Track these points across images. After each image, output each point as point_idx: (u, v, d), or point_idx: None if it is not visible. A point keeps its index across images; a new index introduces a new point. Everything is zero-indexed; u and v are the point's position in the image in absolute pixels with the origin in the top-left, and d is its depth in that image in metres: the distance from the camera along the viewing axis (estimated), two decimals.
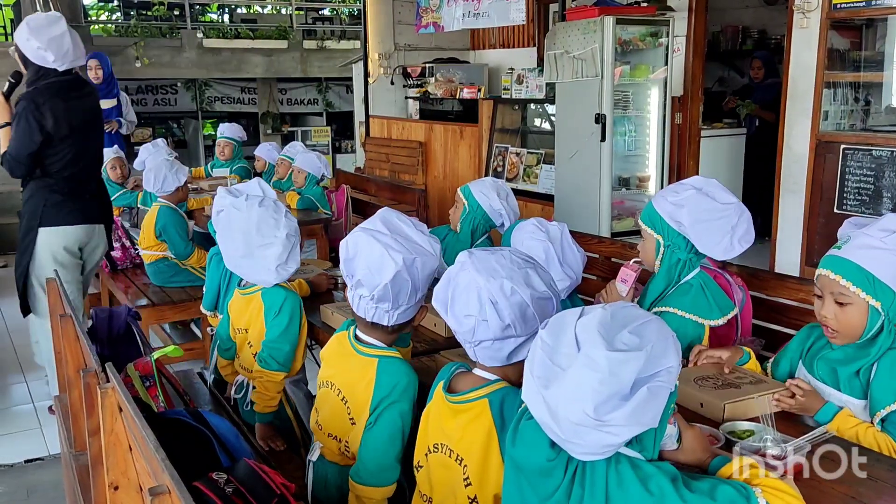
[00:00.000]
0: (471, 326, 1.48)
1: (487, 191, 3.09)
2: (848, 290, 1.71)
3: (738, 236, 2.15)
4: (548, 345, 1.20)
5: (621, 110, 5.41)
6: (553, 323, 1.24)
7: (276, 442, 2.25)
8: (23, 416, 3.71)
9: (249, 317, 2.35)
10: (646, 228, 2.25)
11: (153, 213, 3.97)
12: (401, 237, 1.77)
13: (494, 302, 1.45)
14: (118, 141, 6.40)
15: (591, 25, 5.11)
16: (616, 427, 1.13)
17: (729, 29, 7.72)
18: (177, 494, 1.06)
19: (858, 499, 1.44)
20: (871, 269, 1.68)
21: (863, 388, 1.77)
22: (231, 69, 11.31)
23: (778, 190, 4.91)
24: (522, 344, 1.48)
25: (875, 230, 1.71)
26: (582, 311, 1.22)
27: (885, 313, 1.71)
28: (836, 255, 1.74)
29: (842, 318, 1.74)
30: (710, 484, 1.22)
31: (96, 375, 1.60)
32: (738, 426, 1.68)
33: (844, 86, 4.63)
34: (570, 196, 5.55)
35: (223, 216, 2.31)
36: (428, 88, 7.61)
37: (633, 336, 1.16)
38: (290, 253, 2.28)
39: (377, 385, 1.76)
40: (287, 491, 1.46)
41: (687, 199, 2.15)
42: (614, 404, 1.13)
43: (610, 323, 1.17)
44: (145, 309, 3.69)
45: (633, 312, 1.22)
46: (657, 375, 1.15)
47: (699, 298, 2.19)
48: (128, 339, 2.35)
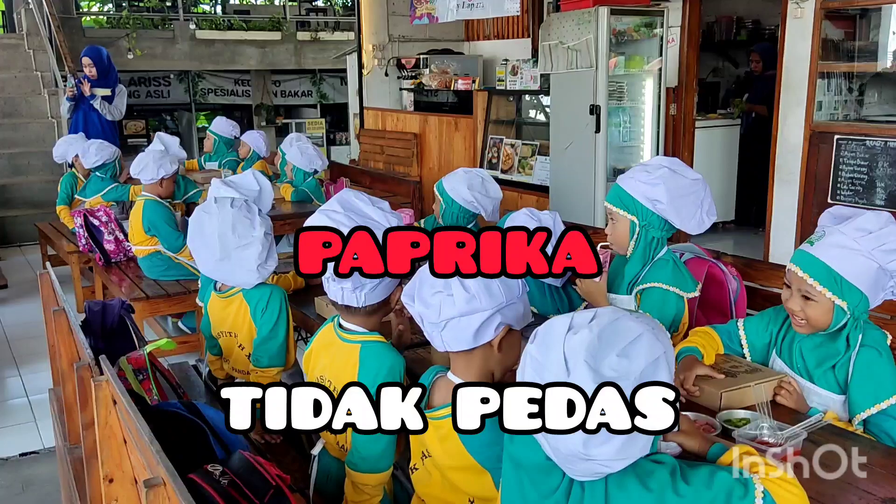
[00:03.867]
0: (438, 304, 1.47)
1: (458, 184, 3.10)
2: (814, 290, 1.71)
3: (705, 210, 2.21)
4: (536, 361, 1.16)
5: (616, 101, 5.40)
6: (542, 335, 1.19)
7: (271, 434, 2.24)
8: (17, 410, 3.71)
9: (234, 320, 2.32)
10: (617, 211, 2.26)
11: (138, 207, 3.93)
12: (354, 213, 1.77)
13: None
14: (110, 132, 6.36)
15: (585, 16, 5.10)
16: (607, 461, 1.12)
17: (723, 19, 7.71)
18: (172, 486, 1.06)
19: (854, 484, 1.45)
20: (840, 270, 1.68)
21: (839, 383, 1.77)
22: (224, 61, 11.26)
23: (772, 180, 4.92)
24: (489, 319, 1.47)
25: (851, 229, 1.70)
26: (570, 324, 1.17)
27: (851, 312, 1.71)
28: (807, 251, 1.74)
29: (808, 312, 1.76)
30: (709, 471, 1.20)
31: (90, 368, 1.60)
32: (734, 414, 1.68)
33: (838, 76, 4.63)
34: (564, 187, 5.55)
35: (193, 221, 2.28)
36: (422, 80, 7.59)
37: (621, 360, 1.11)
38: (269, 252, 2.25)
39: (361, 370, 1.76)
40: (282, 482, 1.46)
41: (661, 177, 2.17)
42: (603, 439, 1.10)
43: (597, 346, 1.12)
44: (139, 302, 3.67)
45: (623, 327, 1.15)
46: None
47: (676, 272, 2.24)
48: (121, 332, 2.34)
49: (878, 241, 1.67)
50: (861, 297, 1.70)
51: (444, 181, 3.18)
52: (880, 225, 1.69)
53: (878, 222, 1.69)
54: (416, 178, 6.91)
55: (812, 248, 1.73)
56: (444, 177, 3.22)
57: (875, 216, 1.71)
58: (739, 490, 1.17)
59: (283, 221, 4.28)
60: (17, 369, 4.19)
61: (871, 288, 1.69)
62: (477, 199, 3.08)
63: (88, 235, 4.28)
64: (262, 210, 2.38)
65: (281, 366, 2.29)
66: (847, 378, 1.76)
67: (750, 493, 1.16)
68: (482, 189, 3.11)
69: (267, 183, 2.50)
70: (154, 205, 3.91)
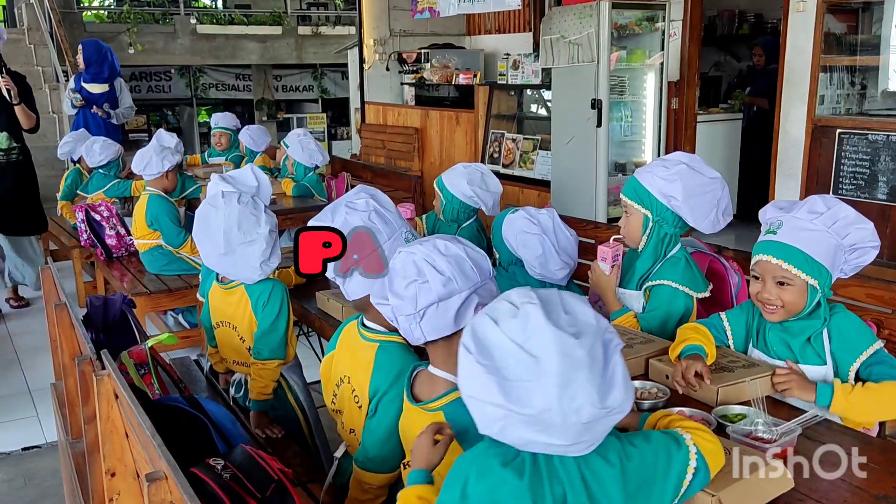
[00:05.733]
0: (413, 294, 1.47)
1: (457, 180, 3.10)
2: (790, 273, 1.79)
3: (722, 209, 2.20)
4: (487, 366, 1.10)
5: (617, 95, 5.39)
6: (472, 339, 1.13)
7: (271, 429, 2.25)
8: (20, 404, 3.72)
9: (235, 312, 2.32)
10: (632, 204, 2.25)
11: (143, 201, 3.95)
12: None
13: (431, 261, 1.47)
14: (112, 129, 6.34)
15: (587, 10, 5.09)
16: (618, 404, 1.12)
17: (725, 13, 7.69)
18: (174, 480, 1.06)
19: (848, 480, 1.45)
20: (808, 250, 1.78)
21: (818, 354, 1.84)
22: (225, 56, 11.25)
23: (774, 174, 4.91)
24: (467, 301, 1.47)
25: (804, 213, 1.80)
26: (489, 317, 1.13)
27: (821, 290, 1.81)
28: (773, 240, 1.82)
29: (785, 298, 1.82)
30: (642, 433, 1.28)
31: (91, 363, 1.60)
32: (730, 410, 1.69)
33: (841, 70, 4.62)
34: (566, 182, 5.55)
35: (199, 214, 2.28)
36: (424, 74, 7.58)
37: (569, 315, 1.12)
38: (273, 249, 2.25)
39: (375, 370, 1.76)
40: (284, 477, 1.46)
41: (678, 173, 2.16)
42: (607, 385, 1.10)
43: (547, 312, 1.11)
44: (141, 297, 3.68)
45: (545, 292, 1.15)
46: (610, 339, 1.14)
47: (687, 271, 2.22)
48: (123, 326, 2.34)
49: (832, 219, 1.78)
50: (827, 274, 1.80)
51: (443, 177, 3.18)
52: (829, 206, 1.80)
53: (825, 203, 1.81)
54: (418, 173, 6.90)
55: (776, 237, 1.81)
56: (444, 172, 3.22)
57: (821, 199, 1.82)
58: (673, 443, 1.26)
59: (285, 216, 4.28)
60: (18, 363, 4.21)
61: (832, 263, 1.80)
62: (477, 193, 3.08)
63: (90, 230, 4.28)
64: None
65: (281, 359, 2.29)
66: (826, 348, 1.83)
67: (682, 444, 1.26)
68: (482, 184, 3.11)
69: (265, 178, 2.50)
70: (159, 199, 3.93)
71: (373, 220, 1.82)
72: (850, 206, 1.85)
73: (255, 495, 1.38)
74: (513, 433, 1.11)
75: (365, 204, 1.86)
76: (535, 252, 2.48)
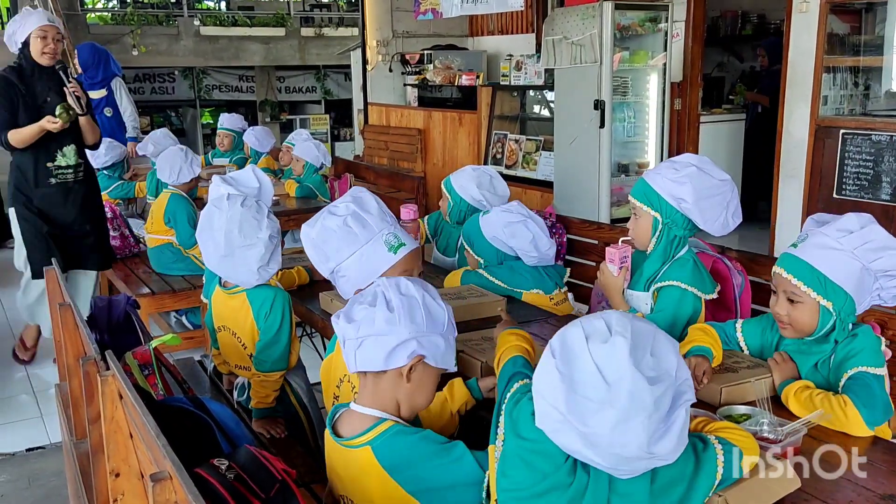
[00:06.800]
0: (360, 320, 1.48)
1: (466, 182, 3.11)
2: (799, 290, 1.72)
3: (731, 212, 2.18)
4: (564, 375, 1.17)
5: (620, 96, 5.40)
6: (560, 346, 1.20)
7: (274, 429, 2.25)
8: (24, 405, 3.73)
9: (236, 318, 2.32)
10: (641, 206, 2.23)
11: (164, 198, 3.98)
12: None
13: (387, 295, 1.48)
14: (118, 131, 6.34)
15: (589, 11, 5.09)
16: (665, 454, 1.16)
17: (728, 14, 7.69)
18: (178, 480, 1.07)
19: (853, 480, 1.45)
20: (824, 269, 1.69)
21: (825, 379, 1.78)
22: (229, 57, 11.27)
23: (777, 175, 4.90)
24: (403, 343, 1.47)
25: (832, 230, 1.71)
26: (583, 331, 1.18)
27: (837, 313, 1.72)
28: (791, 253, 1.76)
29: (794, 315, 1.76)
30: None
31: (96, 363, 1.60)
32: (734, 410, 1.68)
33: (844, 70, 4.61)
34: (569, 182, 5.55)
35: (204, 215, 2.29)
36: (426, 75, 7.59)
37: (653, 359, 1.16)
38: (273, 254, 2.25)
39: None
40: (288, 477, 1.47)
41: (688, 175, 2.14)
42: (660, 433, 1.14)
43: (634, 348, 1.15)
44: (145, 298, 3.69)
45: (642, 327, 1.19)
46: (683, 392, 1.17)
47: (696, 273, 2.21)
48: (127, 327, 2.34)
49: (861, 240, 1.68)
50: (846, 297, 1.70)
51: (452, 178, 3.17)
52: (861, 224, 1.70)
53: (859, 222, 1.71)
54: (421, 174, 6.91)
55: (796, 251, 1.75)
56: (453, 174, 3.21)
57: (856, 217, 1.72)
58: (699, 444, 1.29)
59: (288, 217, 4.29)
60: (23, 365, 4.21)
61: (856, 289, 1.70)
62: (485, 197, 3.08)
63: None
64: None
65: (283, 370, 2.30)
66: (829, 373, 1.77)
67: (708, 443, 1.30)
68: (490, 187, 3.12)
69: (266, 179, 2.50)
70: (180, 199, 3.97)
71: (349, 223, 1.91)
72: (853, 206, 1.82)
73: (259, 495, 1.38)
74: (564, 438, 1.19)
75: (344, 208, 1.95)
76: (527, 237, 2.62)
